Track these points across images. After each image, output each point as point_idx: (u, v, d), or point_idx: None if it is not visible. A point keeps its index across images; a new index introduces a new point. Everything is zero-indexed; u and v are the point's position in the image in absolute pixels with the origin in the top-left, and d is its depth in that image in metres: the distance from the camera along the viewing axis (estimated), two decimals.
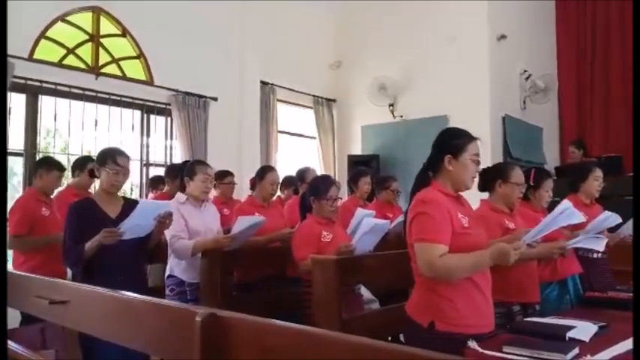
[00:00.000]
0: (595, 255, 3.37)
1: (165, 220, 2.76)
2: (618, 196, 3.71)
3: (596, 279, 3.32)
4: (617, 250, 3.48)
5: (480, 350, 1.85)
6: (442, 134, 2.21)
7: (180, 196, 3.42)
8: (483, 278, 2.07)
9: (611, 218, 3.13)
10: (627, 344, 1.90)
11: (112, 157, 2.75)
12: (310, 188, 3.39)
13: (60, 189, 4.07)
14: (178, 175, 3.82)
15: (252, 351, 1.14)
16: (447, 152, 2.11)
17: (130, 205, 2.74)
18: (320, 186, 3.31)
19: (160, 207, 2.81)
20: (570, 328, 2.02)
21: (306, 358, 1.04)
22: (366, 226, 3.21)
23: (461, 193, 2.20)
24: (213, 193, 4.44)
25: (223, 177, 4.72)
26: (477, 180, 2.61)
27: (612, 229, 3.37)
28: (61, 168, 3.80)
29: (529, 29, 7.66)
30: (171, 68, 5.99)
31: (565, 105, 8.17)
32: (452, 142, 2.13)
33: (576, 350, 1.78)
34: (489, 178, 2.77)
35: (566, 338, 1.93)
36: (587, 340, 1.95)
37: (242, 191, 5.38)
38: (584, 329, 2.03)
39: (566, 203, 2.39)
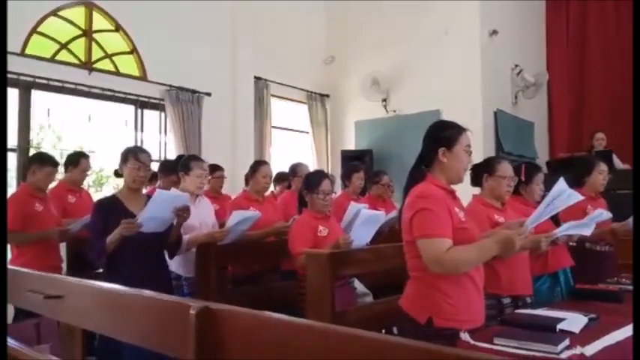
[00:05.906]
0: (601, 248, 3.39)
1: (182, 213, 2.84)
2: (609, 190, 3.73)
3: (603, 271, 3.33)
4: (624, 244, 3.46)
5: (472, 342, 1.87)
6: (433, 127, 2.20)
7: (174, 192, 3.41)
8: (478, 272, 2.08)
9: (602, 215, 3.14)
10: (616, 335, 1.94)
11: (133, 154, 2.87)
12: (304, 182, 3.39)
13: (53, 184, 4.05)
14: (172, 171, 3.82)
15: (246, 343, 1.15)
16: (441, 145, 2.11)
17: None
18: (312, 180, 3.31)
19: (177, 198, 2.89)
20: (561, 320, 2.04)
21: (299, 350, 1.05)
22: (363, 217, 3.22)
23: (454, 188, 2.20)
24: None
25: (213, 171, 4.71)
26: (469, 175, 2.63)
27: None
28: (54, 163, 3.77)
29: (520, 25, 7.70)
30: (164, 63, 5.97)
31: (555, 100, 8.21)
32: (444, 134, 2.14)
33: (567, 342, 1.80)
34: (478, 173, 2.79)
35: (557, 330, 1.95)
36: (577, 331, 1.97)
37: (236, 186, 5.38)
38: (574, 321, 2.05)
39: (561, 183, 2.27)
